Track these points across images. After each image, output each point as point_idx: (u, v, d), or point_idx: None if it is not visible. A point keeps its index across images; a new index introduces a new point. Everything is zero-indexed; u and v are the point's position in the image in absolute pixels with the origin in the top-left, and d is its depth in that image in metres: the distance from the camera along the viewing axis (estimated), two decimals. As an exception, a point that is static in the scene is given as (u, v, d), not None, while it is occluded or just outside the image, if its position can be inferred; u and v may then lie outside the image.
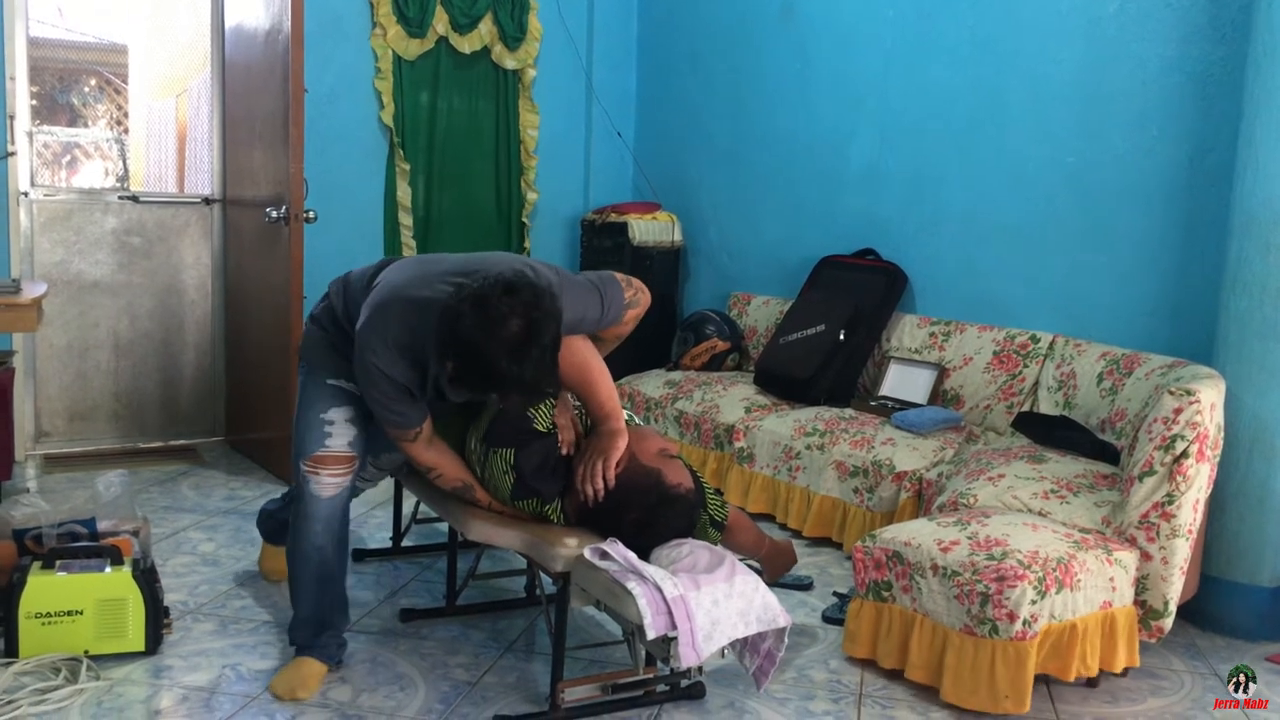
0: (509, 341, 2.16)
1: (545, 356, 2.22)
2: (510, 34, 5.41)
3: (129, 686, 2.60)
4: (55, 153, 9.73)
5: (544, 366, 2.22)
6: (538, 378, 2.23)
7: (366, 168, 5.21)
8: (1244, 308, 3.16)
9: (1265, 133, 3.09)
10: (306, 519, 2.63)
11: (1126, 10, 3.70)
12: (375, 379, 2.40)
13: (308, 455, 2.61)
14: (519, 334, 2.17)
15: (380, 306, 2.40)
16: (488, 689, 2.68)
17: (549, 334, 2.22)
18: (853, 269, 4.60)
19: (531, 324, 2.19)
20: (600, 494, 2.51)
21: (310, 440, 2.61)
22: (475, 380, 2.26)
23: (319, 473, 2.60)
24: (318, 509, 2.62)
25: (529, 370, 2.19)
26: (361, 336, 2.40)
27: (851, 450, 3.83)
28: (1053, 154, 3.94)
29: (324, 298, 2.74)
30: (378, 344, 2.36)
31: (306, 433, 2.62)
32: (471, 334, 2.18)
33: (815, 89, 4.90)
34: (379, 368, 2.37)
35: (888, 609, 2.81)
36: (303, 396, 2.66)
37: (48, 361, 4.73)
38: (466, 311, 2.19)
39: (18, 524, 2.90)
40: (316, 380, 2.64)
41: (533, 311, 2.20)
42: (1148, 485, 2.80)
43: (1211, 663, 3.03)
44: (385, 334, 2.36)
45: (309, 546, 2.64)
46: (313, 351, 2.67)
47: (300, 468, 2.62)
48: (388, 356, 2.36)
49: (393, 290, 2.43)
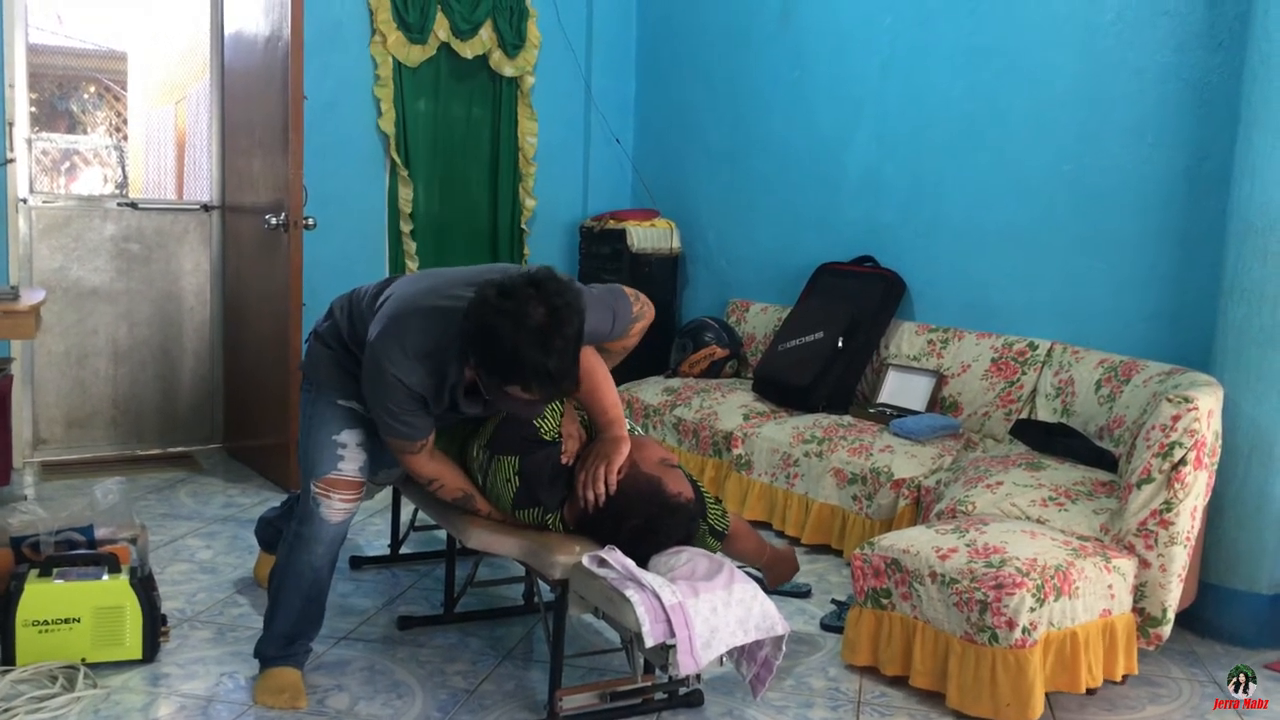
0: (534, 329, 2.19)
1: (569, 348, 2.24)
2: (509, 41, 5.42)
3: (126, 694, 2.60)
4: (54, 159, 9.74)
5: (567, 358, 2.24)
6: (561, 369, 2.23)
7: (366, 174, 5.21)
8: (1242, 315, 3.16)
9: (1262, 140, 3.09)
10: (311, 540, 2.60)
11: (1124, 18, 3.71)
12: (391, 388, 2.38)
13: (320, 476, 2.58)
14: (544, 322, 2.20)
15: (397, 316, 2.39)
16: (486, 697, 2.67)
17: (573, 326, 2.24)
18: (851, 276, 4.60)
19: (556, 312, 2.21)
20: (601, 499, 2.51)
21: (323, 461, 2.58)
22: (498, 369, 2.25)
23: (331, 496, 2.57)
24: (324, 532, 2.60)
25: (553, 360, 2.21)
26: (377, 345, 2.38)
27: (850, 457, 3.83)
28: (1051, 161, 3.95)
29: (327, 315, 2.72)
30: (395, 352, 2.35)
31: (318, 453, 2.59)
32: (497, 320, 2.20)
33: (813, 96, 4.91)
34: (396, 376, 2.36)
35: (887, 616, 2.81)
36: (312, 416, 2.63)
37: (46, 368, 4.73)
38: (492, 298, 2.22)
39: (15, 531, 2.90)
40: (326, 400, 2.61)
41: (556, 300, 2.22)
42: (1146, 492, 2.80)
43: (1210, 670, 3.02)
44: (404, 342, 2.35)
45: (305, 566, 2.62)
46: (319, 370, 2.64)
47: (311, 489, 2.58)
48: (406, 365, 2.35)
49: (408, 300, 2.42)
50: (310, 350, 2.71)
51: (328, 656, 2.86)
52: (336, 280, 4.75)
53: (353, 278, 4.95)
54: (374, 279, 5.34)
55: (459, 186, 5.48)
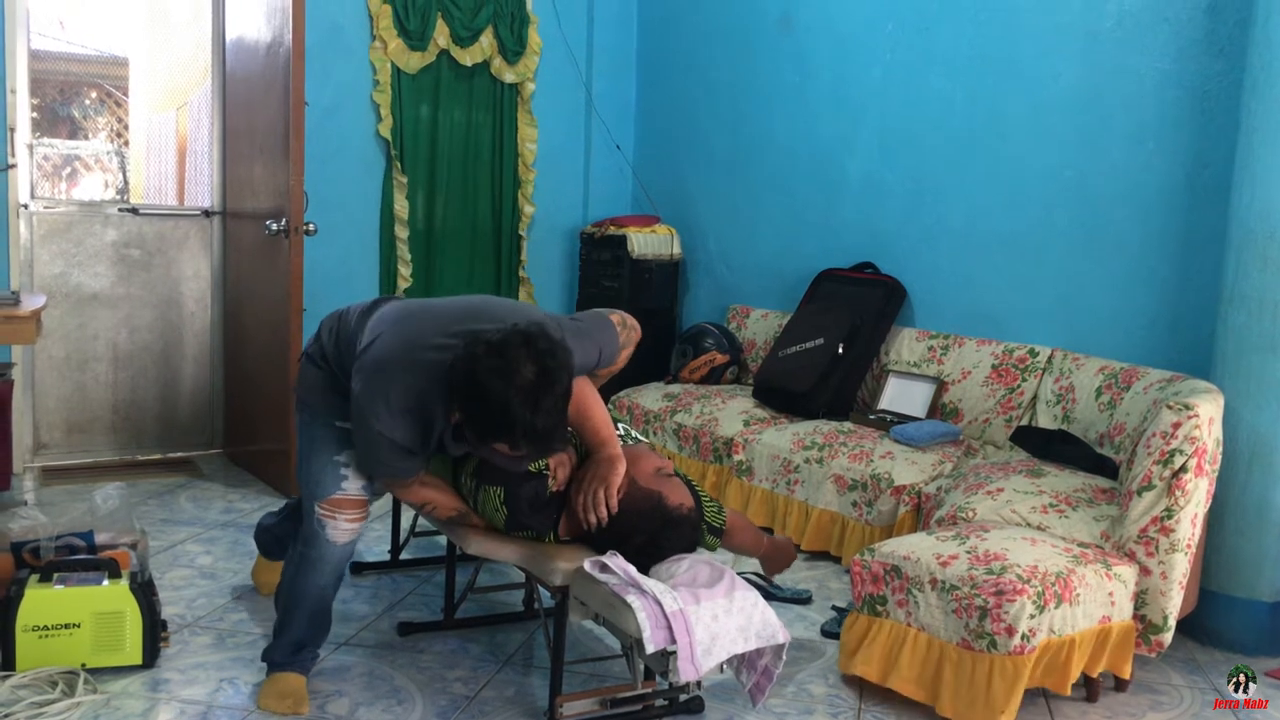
0: (524, 387, 2.19)
1: (557, 406, 2.25)
2: (510, 47, 5.43)
3: (126, 700, 2.60)
4: (55, 165, 9.75)
5: (555, 416, 2.25)
6: (549, 427, 2.25)
7: (367, 181, 5.22)
8: (1242, 322, 3.16)
9: (1263, 147, 3.09)
10: (317, 562, 2.60)
11: (1124, 25, 3.72)
12: (376, 442, 2.39)
13: (324, 498, 2.57)
14: (534, 381, 2.20)
15: (379, 371, 2.37)
16: (486, 703, 2.67)
17: (562, 384, 2.26)
18: (851, 282, 4.60)
19: (547, 372, 2.22)
20: (603, 521, 2.49)
21: (326, 483, 2.57)
22: (486, 427, 2.25)
23: (336, 517, 2.56)
24: (330, 553, 2.59)
25: (541, 418, 2.21)
26: (362, 402, 2.37)
27: (850, 464, 3.83)
28: (1051, 167, 3.95)
29: (315, 339, 2.70)
30: (380, 409, 2.35)
31: (320, 475, 2.58)
32: (487, 378, 2.20)
33: (814, 101, 4.91)
34: (382, 433, 2.36)
35: (879, 623, 2.80)
36: (311, 439, 2.62)
37: (46, 373, 4.73)
38: (482, 356, 2.22)
39: (15, 536, 2.90)
40: (323, 423, 2.60)
41: (547, 360, 2.23)
42: (1146, 500, 2.79)
43: (1211, 677, 3.02)
44: (388, 399, 2.34)
45: (313, 586, 2.62)
46: (314, 394, 2.63)
47: (315, 511, 2.57)
48: (390, 421, 2.35)
49: (390, 351, 2.39)
50: (302, 372, 2.69)
51: (328, 662, 2.86)
52: (337, 286, 4.79)
53: (353, 283, 5.03)
54: (374, 284, 5.37)
55: (459, 193, 5.47)
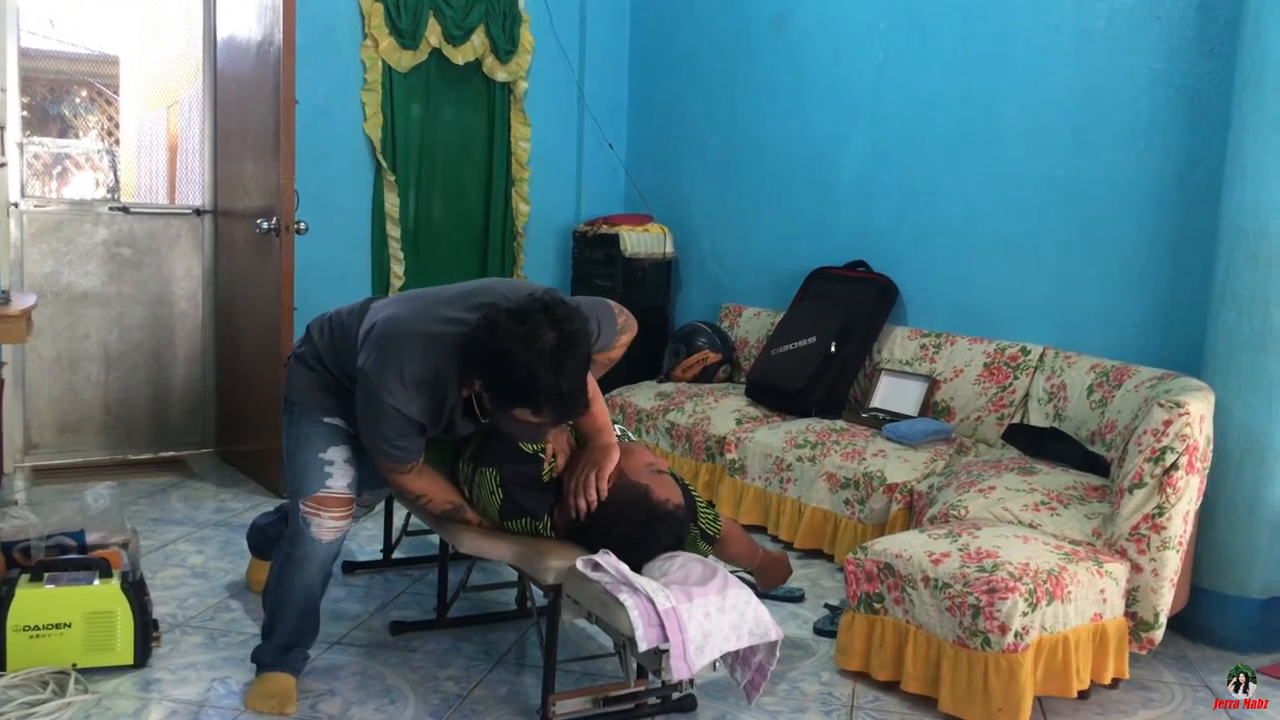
0: (546, 351, 2.22)
1: (579, 370, 2.29)
2: (502, 46, 5.42)
3: (117, 700, 2.59)
4: (46, 163, 9.72)
5: (577, 380, 2.29)
6: (573, 390, 2.28)
7: (358, 179, 5.21)
8: (1232, 320, 3.17)
9: (1253, 145, 3.10)
10: (302, 560, 2.59)
11: (1116, 24, 3.72)
12: (389, 418, 2.37)
13: (308, 495, 2.56)
14: (556, 345, 2.24)
15: (390, 344, 2.37)
16: (478, 702, 2.67)
17: (583, 349, 2.30)
18: (844, 281, 4.61)
19: (568, 335, 2.26)
20: (593, 505, 2.51)
21: (310, 480, 2.56)
22: (510, 393, 2.27)
23: (320, 515, 2.56)
24: (315, 551, 2.58)
25: (565, 381, 2.24)
26: (373, 376, 2.36)
27: (843, 462, 3.83)
28: (1044, 166, 3.96)
29: (304, 341, 2.69)
30: (393, 383, 2.34)
31: (305, 473, 2.57)
32: (511, 344, 2.22)
33: (807, 101, 4.92)
34: (395, 407, 2.35)
35: (880, 621, 2.81)
36: (296, 437, 2.60)
37: (37, 373, 4.71)
38: (504, 322, 2.25)
39: (6, 536, 2.89)
40: (310, 419, 2.59)
41: (567, 325, 2.27)
42: (1138, 497, 2.80)
43: (1202, 674, 3.03)
44: (401, 372, 2.34)
45: (298, 586, 2.61)
46: (303, 394, 2.62)
47: (300, 509, 2.56)
48: (404, 395, 2.35)
49: (399, 325, 2.40)
50: (292, 374, 2.67)
51: (320, 661, 2.85)
52: (328, 285, 4.78)
53: (344, 282, 5.02)
54: (366, 282, 5.36)
55: (452, 191, 5.47)
